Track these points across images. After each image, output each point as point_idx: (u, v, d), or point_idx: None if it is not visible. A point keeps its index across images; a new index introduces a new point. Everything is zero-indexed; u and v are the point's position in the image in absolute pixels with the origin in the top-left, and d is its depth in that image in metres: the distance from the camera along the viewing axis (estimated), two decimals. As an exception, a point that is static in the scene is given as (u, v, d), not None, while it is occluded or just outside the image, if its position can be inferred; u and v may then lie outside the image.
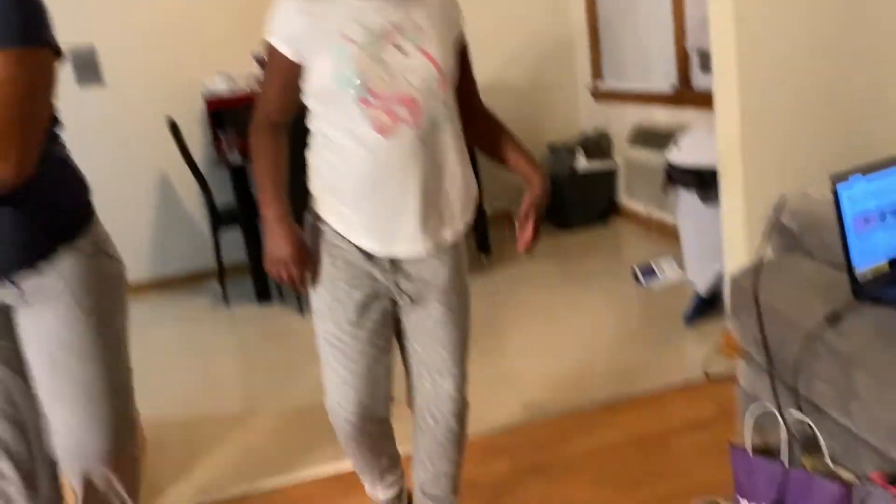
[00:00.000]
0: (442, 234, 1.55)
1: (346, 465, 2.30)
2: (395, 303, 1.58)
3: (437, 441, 1.67)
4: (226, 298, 4.12)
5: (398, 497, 1.85)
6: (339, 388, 1.56)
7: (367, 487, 1.84)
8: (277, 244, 1.49)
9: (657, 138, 4.06)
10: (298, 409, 2.73)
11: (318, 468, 2.31)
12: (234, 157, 3.78)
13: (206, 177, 3.97)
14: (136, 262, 4.43)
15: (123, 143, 4.25)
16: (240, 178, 3.79)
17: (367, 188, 1.46)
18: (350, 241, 1.51)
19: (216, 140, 4.05)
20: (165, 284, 4.51)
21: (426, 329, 1.58)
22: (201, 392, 3.02)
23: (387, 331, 1.59)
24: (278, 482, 2.27)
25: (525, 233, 1.57)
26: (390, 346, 1.62)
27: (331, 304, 1.54)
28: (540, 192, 1.59)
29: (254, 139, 1.52)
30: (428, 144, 1.47)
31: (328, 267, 1.53)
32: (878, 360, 1.40)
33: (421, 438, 1.70)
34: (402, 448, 1.81)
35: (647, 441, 2.21)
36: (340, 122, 1.43)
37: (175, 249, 4.49)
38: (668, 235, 4.10)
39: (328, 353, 1.56)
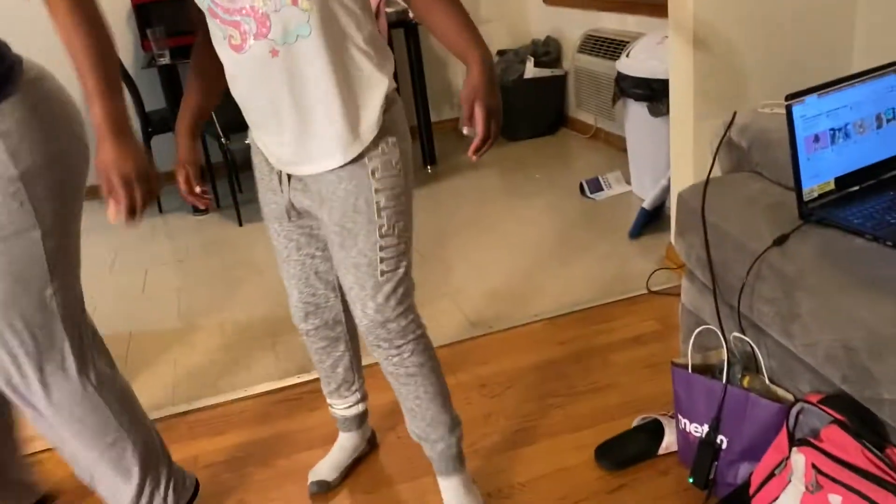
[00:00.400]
0: (318, 161, 1.38)
1: (286, 381, 2.28)
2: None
3: (386, 371, 1.55)
4: (160, 207, 3.97)
5: (355, 419, 1.83)
6: (285, 284, 1.65)
7: (327, 399, 1.83)
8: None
9: (608, 46, 3.96)
10: (237, 323, 2.67)
11: (258, 386, 2.27)
12: (164, 57, 3.54)
13: (134, 80, 3.73)
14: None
15: (42, 43, 3.94)
16: (171, 80, 3.57)
17: (242, 103, 1.42)
18: (259, 149, 1.50)
19: (143, 39, 3.79)
20: (94, 193, 4.30)
21: (333, 252, 1.47)
22: (136, 306, 2.92)
23: (314, 239, 1.57)
24: (217, 399, 2.23)
25: (476, 135, 1.32)
26: (325, 251, 1.58)
27: (263, 209, 1.57)
28: (478, 77, 1.26)
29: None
30: (287, 60, 1.29)
31: (256, 173, 1.55)
32: (820, 282, 1.40)
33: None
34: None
35: (589, 356, 2.23)
36: (214, 37, 1.36)
37: (105, 156, 4.26)
38: (617, 148, 4.07)
39: (276, 253, 1.61)
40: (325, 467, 1.83)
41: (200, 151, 1.60)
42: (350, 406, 1.81)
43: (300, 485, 1.84)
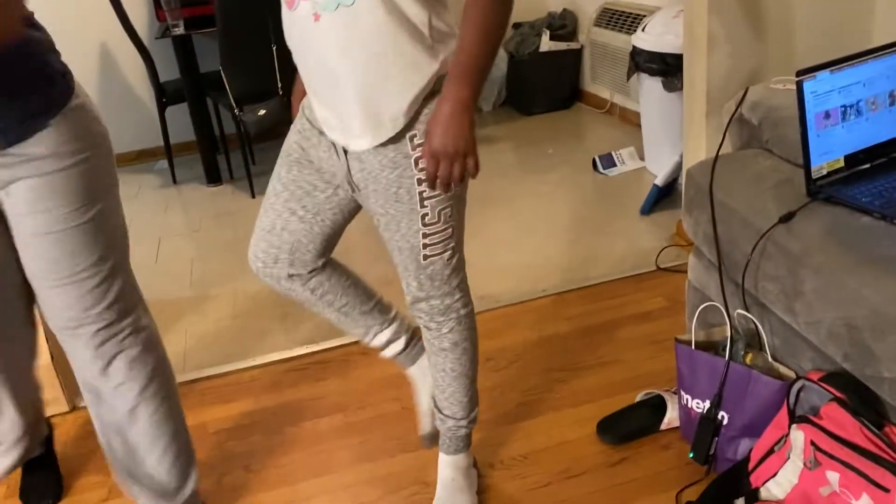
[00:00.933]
0: (353, 139, 1.32)
1: (295, 352, 2.31)
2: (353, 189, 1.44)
3: (423, 338, 1.53)
4: (174, 178, 3.99)
5: (402, 353, 1.70)
6: (255, 232, 1.56)
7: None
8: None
9: (624, 20, 3.91)
10: (248, 294, 2.70)
11: (267, 355, 2.30)
12: (178, 27, 3.54)
13: (148, 50, 3.73)
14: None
15: (59, 12, 3.95)
16: (185, 51, 3.57)
17: (294, 58, 1.36)
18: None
19: (157, 8, 3.78)
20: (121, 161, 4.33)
21: (379, 230, 1.43)
22: (150, 275, 2.96)
23: (311, 201, 1.47)
24: (227, 368, 2.26)
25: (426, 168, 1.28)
26: (314, 216, 1.48)
27: (284, 150, 1.49)
28: (435, 116, 1.24)
29: None
30: (327, 25, 1.23)
31: (295, 120, 1.49)
32: (825, 260, 1.39)
33: None
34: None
35: (595, 331, 2.23)
36: None
37: (120, 127, 4.28)
38: (631, 123, 4.03)
39: (266, 196, 1.52)
40: (420, 416, 1.74)
41: None
42: (387, 344, 1.67)
43: (307, 451, 1.87)
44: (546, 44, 4.24)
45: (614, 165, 3.47)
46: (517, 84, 4.46)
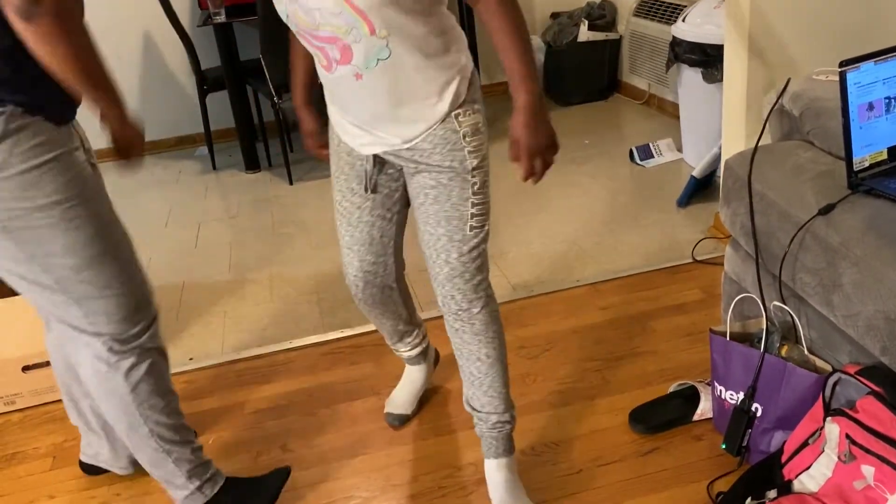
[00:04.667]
0: (407, 133, 1.43)
1: (329, 335, 2.34)
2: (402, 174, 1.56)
3: (452, 328, 1.56)
4: (214, 164, 4.06)
5: (420, 355, 1.92)
6: (344, 252, 1.66)
7: (390, 345, 1.91)
8: None
9: (664, 10, 3.87)
10: (285, 278, 2.75)
11: (303, 338, 2.34)
12: (220, 16, 3.60)
13: (190, 37, 3.80)
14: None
15: (107, 2, 4.04)
16: (226, 39, 3.62)
17: (334, 103, 1.49)
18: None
19: (201, -4, 3.85)
20: (152, 149, 4.43)
21: (424, 208, 1.50)
22: (190, 258, 3.02)
23: (388, 201, 1.59)
24: (264, 350, 2.31)
25: (523, 169, 1.39)
26: (394, 215, 1.61)
27: (335, 173, 1.59)
28: (520, 120, 1.35)
29: None
30: (372, 80, 1.34)
31: (333, 139, 1.58)
32: (864, 252, 1.38)
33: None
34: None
35: (630, 322, 2.23)
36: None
37: (161, 113, 4.37)
38: (670, 115, 4.00)
39: (337, 218, 1.64)
40: (401, 400, 1.93)
41: (318, 118, 1.67)
42: (413, 348, 1.89)
43: (340, 433, 1.91)
44: (584, 34, 4.22)
45: (651, 157, 3.45)
46: (555, 74, 4.45)
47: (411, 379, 1.95)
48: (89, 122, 1.50)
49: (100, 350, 1.42)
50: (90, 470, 1.84)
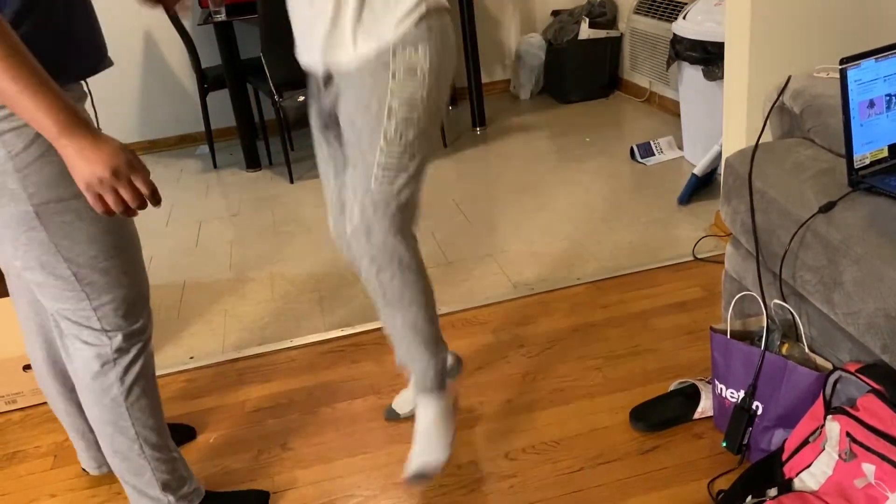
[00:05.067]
0: (332, 50, 1.36)
1: (330, 334, 2.34)
2: None
3: (367, 287, 1.49)
4: (215, 163, 4.06)
5: None
6: (330, 214, 1.61)
7: None
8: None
9: (665, 7, 3.86)
10: (286, 277, 2.75)
11: (304, 337, 2.34)
12: (220, 14, 3.59)
13: (191, 36, 3.80)
14: (123, 123, 4.34)
15: (106, 1, 4.04)
16: (227, 37, 3.62)
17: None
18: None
19: (201, -5, 3.84)
20: (152, 148, 4.43)
21: (346, 147, 1.43)
22: (190, 258, 3.02)
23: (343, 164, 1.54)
24: (265, 349, 2.31)
25: None
26: None
27: (314, 133, 1.57)
28: None
29: None
30: None
31: (310, 95, 1.53)
32: (864, 250, 1.37)
33: None
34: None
35: (630, 320, 2.23)
36: None
37: (162, 112, 4.37)
38: (671, 112, 3.99)
39: (322, 178, 1.61)
40: (405, 398, 1.92)
41: None
42: None
43: (341, 431, 1.91)
44: (585, 31, 4.21)
45: (652, 155, 3.45)
46: (555, 72, 4.44)
47: None
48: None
49: (100, 346, 1.42)
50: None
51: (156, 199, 1.17)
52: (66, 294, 1.35)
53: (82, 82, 1.33)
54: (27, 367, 2.09)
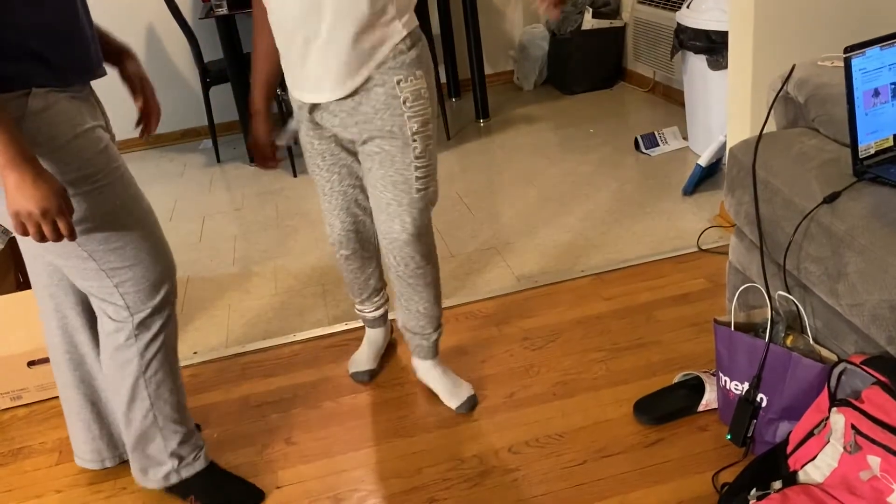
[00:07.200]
0: (330, 90, 1.57)
1: (334, 328, 2.34)
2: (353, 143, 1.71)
3: (404, 280, 1.78)
4: (218, 157, 4.06)
5: (381, 318, 2.09)
6: (325, 216, 1.87)
7: (357, 305, 2.07)
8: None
9: (669, -3, 3.83)
10: (290, 271, 2.75)
11: (308, 331, 2.34)
12: (222, 8, 3.58)
13: (192, 30, 3.79)
14: (126, 118, 4.33)
15: (106, -10, 4.03)
16: (228, 31, 3.61)
17: (279, 37, 1.56)
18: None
19: (202, -11, 3.83)
20: (156, 143, 4.43)
21: (372, 172, 1.65)
22: (194, 253, 3.02)
23: (353, 173, 1.78)
24: (268, 343, 2.31)
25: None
26: (362, 184, 1.80)
27: (305, 151, 1.78)
28: None
29: None
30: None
31: (297, 118, 1.74)
32: (869, 241, 1.36)
33: (391, 278, 1.82)
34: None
35: (634, 312, 2.22)
36: None
37: (165, 107, 4.37)
38: (675, 102, 3.97)
39: (319, 189, 1.82)
40: (365, 358, 2.09)
41: (272, 125, 1.81)
42: (377, 308, 2.06)
43: (345, 425, 1.91)
44: (588, 21, 4.19)
45: (657, 145, 3.43)
46: (559, 63, 4.42)
47: (372, 340, 2.10)
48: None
49: (122, 322, 1.50)
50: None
51: (72, 238, 1.28)
52: (90, 273, 1.43)
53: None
54: (32, 363, 2.09)
